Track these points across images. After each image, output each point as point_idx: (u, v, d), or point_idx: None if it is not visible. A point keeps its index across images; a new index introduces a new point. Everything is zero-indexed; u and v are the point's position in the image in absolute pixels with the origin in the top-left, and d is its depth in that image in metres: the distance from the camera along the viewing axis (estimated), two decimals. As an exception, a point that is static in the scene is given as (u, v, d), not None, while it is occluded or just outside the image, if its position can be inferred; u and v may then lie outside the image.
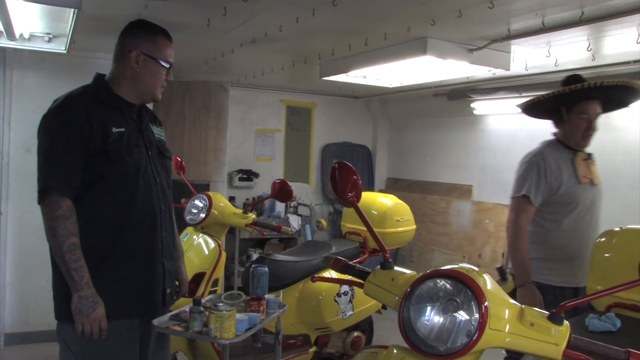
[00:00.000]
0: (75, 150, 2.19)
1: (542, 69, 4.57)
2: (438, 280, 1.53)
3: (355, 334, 4.35)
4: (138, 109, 2.45)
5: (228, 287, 5.91)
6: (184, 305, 2.74)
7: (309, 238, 6.70)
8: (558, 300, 1.75)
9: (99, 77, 2.41)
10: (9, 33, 4.04)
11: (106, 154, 2.23)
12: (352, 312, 4.06)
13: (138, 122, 2.42)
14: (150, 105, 5.35)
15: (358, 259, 3.95)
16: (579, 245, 3.13)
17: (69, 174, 2.18)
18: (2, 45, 4.37)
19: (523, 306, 1.52)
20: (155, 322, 2.51)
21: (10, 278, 4.97)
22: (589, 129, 3.14)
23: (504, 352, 2.99)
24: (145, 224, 2.35)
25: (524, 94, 5.30)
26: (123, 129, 2.30)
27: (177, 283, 2.76)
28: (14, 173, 4.93)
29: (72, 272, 2.15)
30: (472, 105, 6.07)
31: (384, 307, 4.38)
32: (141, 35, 2.37)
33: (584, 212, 3.17)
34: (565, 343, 1.45)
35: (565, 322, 1.47)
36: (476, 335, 1.43)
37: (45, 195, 2.17)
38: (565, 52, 3.93)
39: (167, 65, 2.40)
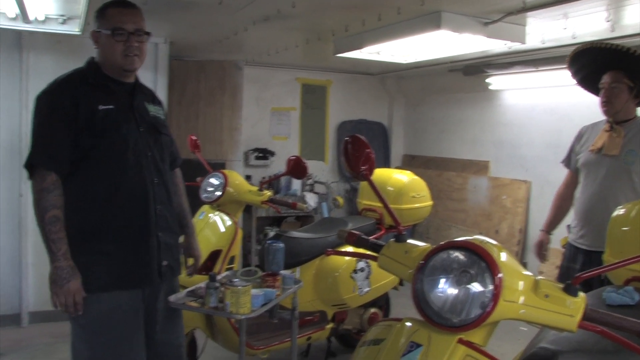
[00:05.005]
0: (60, 127, 2.29)
1: (558, 42, 4.49)
2: (451, 252, 1.52)
3: (372, 310, 4.37)
4: (132, 87, 2.52)
5: (245, 265, 5.96)
6: (199, 282, 2.77)
7: (326, 215, 6.71)
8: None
9: (91, 60, 2.50)
10: (24, 16, 4.05)
11: (93, 130, 2.31)
12: (368, 288, 4.08)
13: (129, 100, 2.48)
14: (163, 88, 5.39)
15: (375, 235, 3.96)
16: (595, 211, 3.23)
17: (54, 149, 2.29)
18: (17, 28, 4.39)
19: (537, 277, 1.51)
20: (172, 298, 2.54)
21: (32, 258, 5.04)
22: (603, 98, 3.20)
23: (523, 327, 3.03)
24: (135, 196, 2.41)
25: (540, 68, 5.24)
26: (112, 106, 2.38)
27: (190, 259, 2.79)
28: (32, 155, 4.97)
29: (51, 243, 2.26)
30: (487, 80, 6.01)
31: (400, 283, 4.39)
32: (96, 16, 2.46)
33: (594, 180, 3.26)
34: (580, 314, 1.43)
35: (581, 294, 1.46)
36: (490, 306, 1.43)
37: (32, 169, 2.29)
38: (582, 23, 3.86)
39: (115, 32, 2.38)
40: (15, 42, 4.88)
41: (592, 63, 3.24)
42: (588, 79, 3.37)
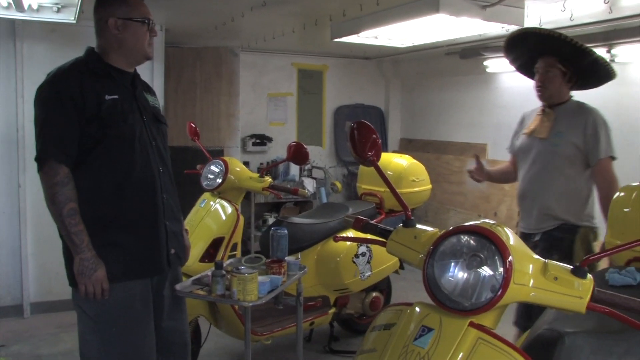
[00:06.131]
0: (69, 118, 2.25)
1: (556, 24, 4.46)
2: (461, 236, 1.53)
3: (374, 294, 4.40)
4: (132, 78, 2.50)
5: (245, 251, 5.96)
6: (204, 270, 2.77)
7: (324, 200, 6.72)
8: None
9: (90, 50, 2.46)
10: (18, 4, 4.01)
11: (101, 120, 2.29)
12: (370, 272, 4.10)
13: (132, 89, 2.47)
14: (160, 75, 5.37)
15: (375, 220, 3.97)
16: (527, 195, 3.33)
17: (64, 142, 2.25)
18: (11, 17, 4.33)
19: (546, 261, 1.52)
20: (178, 286, 2.55)
21: (32, 249, 5.04)
22: (537, 83, 3.27)
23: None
24: (144, 185, 2.40)
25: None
26: (117, 96, 2.35)
27: None
28: (30, 145, 4.94)
29: (73, 236, 2.24)
30: (484, 63, 6.00)
31: (401, 267, 4.41)
32: (112, 2, 2.40)
33: (526, 164, 3.34)
34: (589, 296, 1.45)
35: (589, 276, 1.47)
36: (501, 290, 1.44)
37: (43, 163, 2.26)
38: (580, 5, 3.86)
39: (147, 21, 2.42)
40: (9, 31, 4.84)
41: (529, 49, 3.28)
42: (526, 65, 3.41)
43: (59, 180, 2.24)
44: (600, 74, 3.18)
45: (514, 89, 6.13)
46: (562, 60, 3.16)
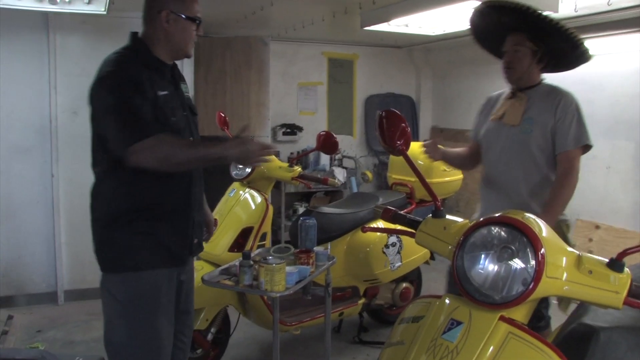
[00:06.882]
0: (144, 102, 2.23)
1: (593, 9, 4.36)
2: (492, 228, 1.49)
3: (404, 285, 4.36)
4: (171, 69, 2.50)
5: (275, 241, 5.97)
6: (232, 260, 2.77)
7: (355, 190, 6.69)
8: None
9: (137, 39, 2.43)
10: (50, -4, 4.06)
11: (155, 116, 2.27)
12: (400, 263, 4.06)
13: (174, 83, 2.49)
14: (190, 65, 5.39)
15: (405, 210, 3.93)
16: (494, 186, 3.05)
17: (146, 122, 2.22)
18: (44, 9, 4.40)
19: (580, 253, 1.47)
20: (205, 276, 2.56)
21: (65, 238, 5.13)
22: (505, 64, 2.95)
23: (554, 300, 2.97)
24: (183, 179, 2.42)
25: (573, 37, 5.10)
26: (167, 92, 2.37)
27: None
28: (62, 136, 5.03)
29: (210, 152, 2.27)
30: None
31: (432, 257, 4.37)
32: None
33: (494, 152, 3.02)
34: (626, 291, 1.40)
35: (626, 270, 1.42)
36: (532, 283, 1.40)
37: (137, 146, 2.17)
38: (618, -11, 3.75)
39: (197, 21, 2.45)
40: (42, 23, 4.90)
41: (497, 25, 2.94)
42: (495, 46, 3.05)
43: (159, 148, 2.20)
44: (574, 54, 2.87)
45: (547, 77, 6.00)
46: (532, 38, 2.85)
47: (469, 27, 3.14)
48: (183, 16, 2.38)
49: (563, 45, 2.81)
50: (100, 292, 2.41)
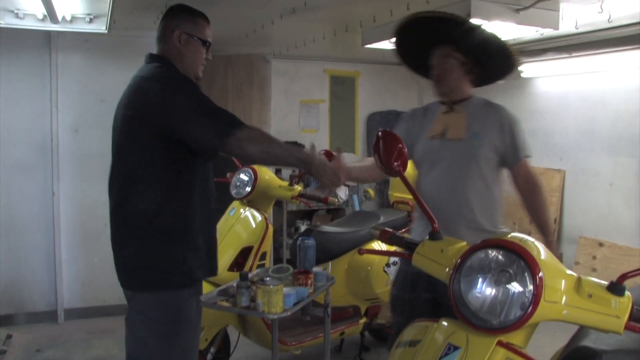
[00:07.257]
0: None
1: (593, 27, 4.36)
2: (489, 251, 1.47)
3: (406, 304, 4.32)
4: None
5: (277, 259, 5.95)
6: (232, 279, 2.75)
7: (357, 208, 6.66)
8: None
9: (160, 56, 2.47)
10: (52, 16, 4.08)
11: None
12: (401, 282, 4.03)
13: None
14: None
15: (407, 229, 3.90)
16: (442, 206, 2.72)
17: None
18: (46, 28, 4.44)
19: (580, 276, 1.45)
20: (203, 297, 2.54)
21: (66, 256, 5.12)
22: (434, 78, 2.84)
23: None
24: (211, 192, 2.51)
25: (574, 54, 5.10)
26: None
27: None
28: (63, 154, 5.04)
29: (300, 154, 2.49)
30: (519, 68, 5.87)
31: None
32: (183, 16, 2.48)
33: (439, 171, 2.84)
34: (627, 315, 1.37)
35: (627, 293, 1.40)
36: (531, 307, 1.37)
37: (239, 129, 2.25)
38: (619, 6, 3.73)
39: (207, 44, 2.51)
40: (44, 42, 4.94)
41: (422, 40, 2.84)
42: (422, 64, 2.93)
43: (265, 140, 2.32)
44: (502, 61, 2.87)
45: (550, 94, 6.00)
46: (459, 48, 2.78)
47: (394, 45, 3.03)
48: (195, 37, 2.45)
49: (494, 56, 2.82)
50: (129, 312, 2.39)
